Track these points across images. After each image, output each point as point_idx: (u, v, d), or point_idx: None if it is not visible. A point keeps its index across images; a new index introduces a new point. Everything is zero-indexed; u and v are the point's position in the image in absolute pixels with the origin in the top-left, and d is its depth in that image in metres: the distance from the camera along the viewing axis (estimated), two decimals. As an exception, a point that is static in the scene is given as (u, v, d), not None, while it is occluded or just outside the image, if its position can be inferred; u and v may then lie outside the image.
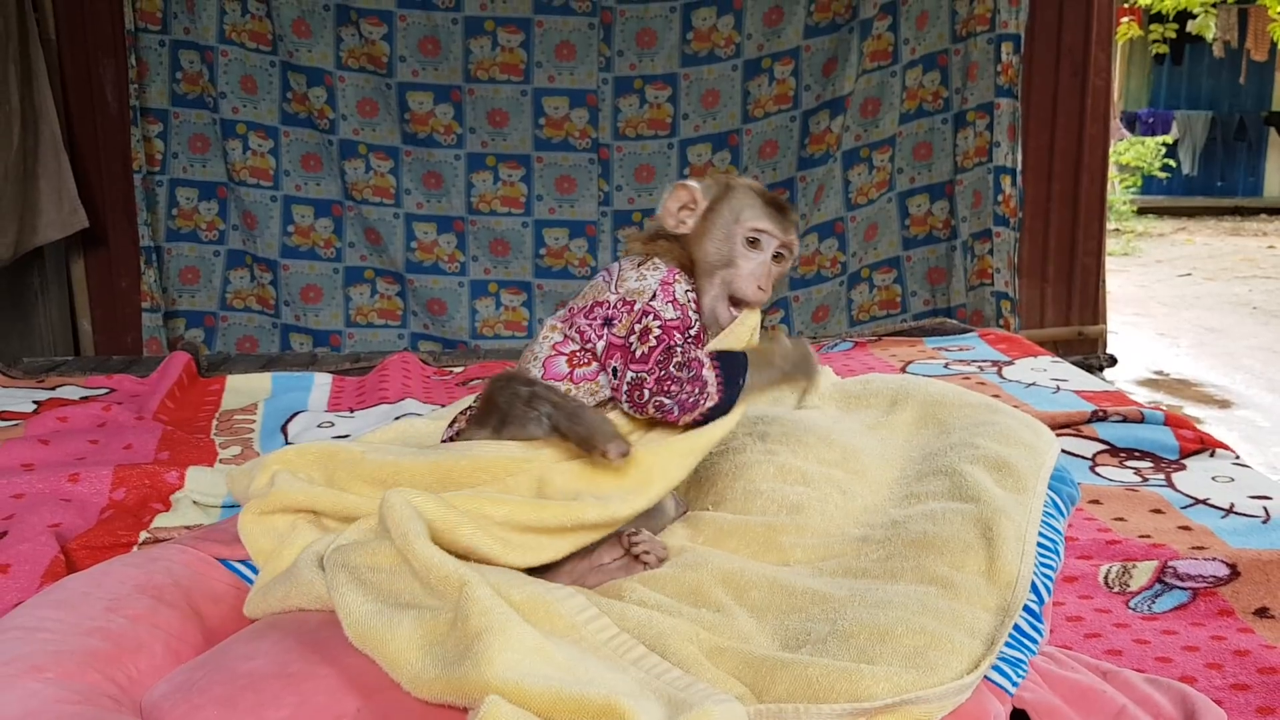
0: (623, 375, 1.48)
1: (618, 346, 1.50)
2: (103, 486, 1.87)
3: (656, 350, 1.47)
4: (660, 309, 1.51)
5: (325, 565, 1.22)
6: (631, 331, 1.50)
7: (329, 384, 2.64)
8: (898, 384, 1.98)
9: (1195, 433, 2.12)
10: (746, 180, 1.66)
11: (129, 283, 4.55)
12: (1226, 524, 1.75)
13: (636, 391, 1.47)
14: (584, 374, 1.54)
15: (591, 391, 1.54)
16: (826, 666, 1.11)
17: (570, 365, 1.54)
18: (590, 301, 1.57)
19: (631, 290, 1.54)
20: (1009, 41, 4.33)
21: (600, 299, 1.56)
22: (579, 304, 1.59)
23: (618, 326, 1.51)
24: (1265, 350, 6.67)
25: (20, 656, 1.10)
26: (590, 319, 1.55)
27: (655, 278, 1.55)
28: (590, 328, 1.54)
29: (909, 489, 1.60)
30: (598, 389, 1.54)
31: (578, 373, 1.54)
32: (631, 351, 1.48)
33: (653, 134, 4.48)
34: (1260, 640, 1.37)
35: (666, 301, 1.52)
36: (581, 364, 1.54)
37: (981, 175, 4.45)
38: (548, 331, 1.59)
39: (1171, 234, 12.38)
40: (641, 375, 1.47)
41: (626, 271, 1.58)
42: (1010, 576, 1.35)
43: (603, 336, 1.52)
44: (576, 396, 1.53)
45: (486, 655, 1.00)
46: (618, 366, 1.50)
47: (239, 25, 4.33)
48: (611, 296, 1.55)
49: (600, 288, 1.59)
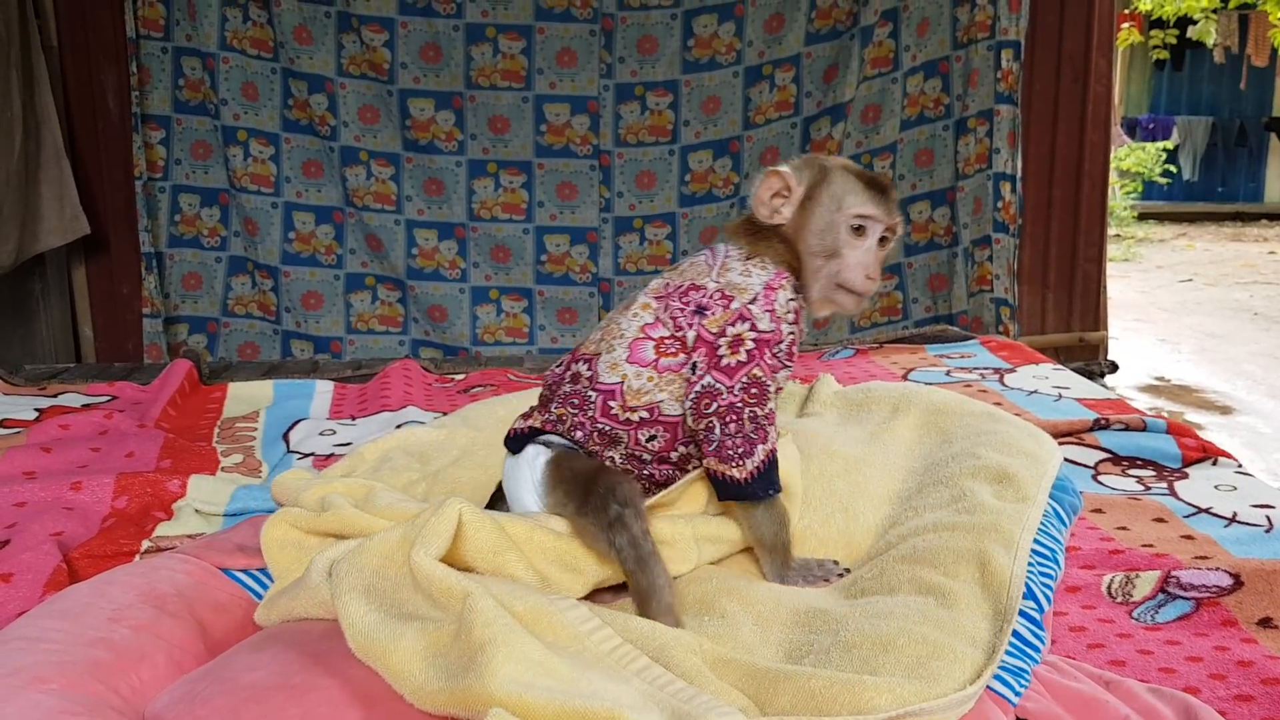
0: (700, 376, 1.43)
1: (707, 342, 1.44)
2: (105, 495, 1.87)
3: (743, 370, 1.42)
4: (757, 317, 1.44)
5: (333, 574, 1.22)
6: (723, 333, 1.44)
7: (330, 391, 2.64)
8: (899, 392, 1.97)
9: (1198, 441, 2.12)
10: (840, 160, 1.55)
11: (130, 289, 4.55)
12: (1229, 533, 1.74)
13: (706, 400, 1.42)
14: (669, 364, 1.46)
15: (674, 386, 1.46)
16: (829, 678, 1.11)
17: (657, 353, 1.46)
18: (687, 283, 1.49)
19: (733, 284, 1.47)
20: (1009, 48, 4.34)
21: (699, 283, 1.48)
22: (675, 281, 1.51)
23: (710, 320, 1.45)
24: (1266, 356, 6.67)
25: (24, 667, 1.10)
26: (684, 302, 1.47)
27: (760, 279, 1.48)
28: (683, 314, 1.46)
29: (910, 502, 1.60)
30: (680, 384, 1.46)
31: (663, 362, 1.46)
32: (718, 355, 1.43)
33: (654, 140, 4.48)
34: (1264, 651, 1.37)
35: (765, 310, 1.45)
36: (669, 353, 1.46)
37: (982, 182, 4.45)
38: (639, 309, 1.50)
39: (1172, 240, 12.39)
40: (719, 388, 1.42)
41: (732, 262, 1.49)
42: (1004, 578, 1.35)
43: (693, 326, 1.45)
44: (659, 392, 1.45)
45: (490, 667, 1.00)
46: (700, 364, 1.44)
47: (240, 32, 4.34)
48: (710, 284, 1.48)
49: (701, 269, 1.51)
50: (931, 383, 2.67)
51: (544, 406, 1.53)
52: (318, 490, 1.45)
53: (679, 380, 1.46)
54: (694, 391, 1.43)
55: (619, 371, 1.47)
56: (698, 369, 1.44)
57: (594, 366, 1.49)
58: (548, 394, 1.54)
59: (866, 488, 1.62)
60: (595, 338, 1.53)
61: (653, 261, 4.54)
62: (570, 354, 1.56)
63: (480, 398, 2.55)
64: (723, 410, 1.42)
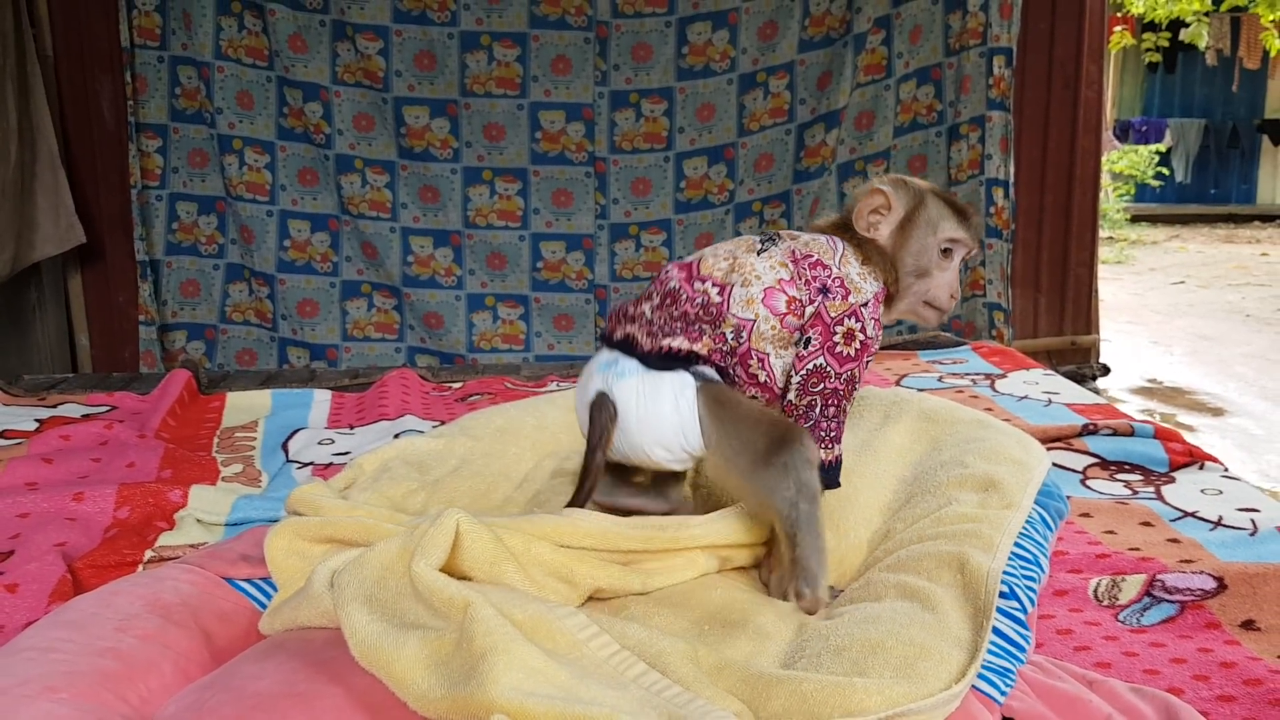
0: (814, 354, 1.48)
1: (825, 324, 1.49)
2: (107, 505, 1.89)
3: (850, 364, 1.49)
4: (867, 320, 1.51)
5: (335, 583, 1.25)
6: (841, 321, 1.49)
7: (328, 400, 2.66)
8: (890, 399, 2.00)
9: (1184, 445, 2.15)
10: (929, 184, 1.63)
11: (126, 297, 4.58)
12: (1214, 536, 1.77)
13: (815, 379, 1.47)
14: (793, 324, 1.50)
15: (786, 349, 1.50)
16: (821, 681, 1.14)
17: (788, 308, 1.49)
18: (815, 256, 1.53)
19: (851, 280, 1.53)
20: (1001, 55, 4.38)
21: (825, 261, 1.53)
22: (799, 250, 1.54)
23: (831, 304, 1.50)
24: (1258, 358, 6.72)
25: (35, 678, 1.12)
26: (813, 275, 1.51)
27: (871, 289, 1.54)
28: (812, 285, 1.51)
29: (899, 514, 1.63)
30: (791, 348, 1.50)
31: (789, 320, 1.49)
32: (834, 340, 1.49)
33: (649, 147, 4.52)
34: (1246, 652, 1.40)
35: (872, 317, 1.52)
36: (796, 313, 1.50)
37: (974, 187, 4.49)
38: (775, 263, 1.51)
39: (1165, 241, 12.45)
40: (829, 371, 1.48)
41: (851, 259, 1.55)
42: (980, 576, 1.38)
43: (815, 302, 1.50)
44: (775, 345, 1.49)
45: (492, 675, 1.02)
46: (814, 341, 1.49)
47: (235, 41, 4.37)
48: (834, 269, 1.52)
49: (824, 249, 1.55)
50: (924, 388, 2.70)
51: (669, 320, 1.50)
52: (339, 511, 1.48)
53: (791, 346, 1.51)
54: (806, 367, 1.48)
55: (753, 309, 1.49)
56: (811, 345, 1.49)
57: (727, 295, 1.50)
58: (668, 304, 1.52)
59: (856, 500, 1.65)
60: (721, 265, 1.53)
61: (648, 268, 4.57)
62: (682, 271, 1.55)
63: (478, 406, 2.57)
64: (827, 393, 1.48)
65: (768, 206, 4.58)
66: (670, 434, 1.46)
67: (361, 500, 1.66)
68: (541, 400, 2.13)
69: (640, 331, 1.50)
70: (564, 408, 2.09)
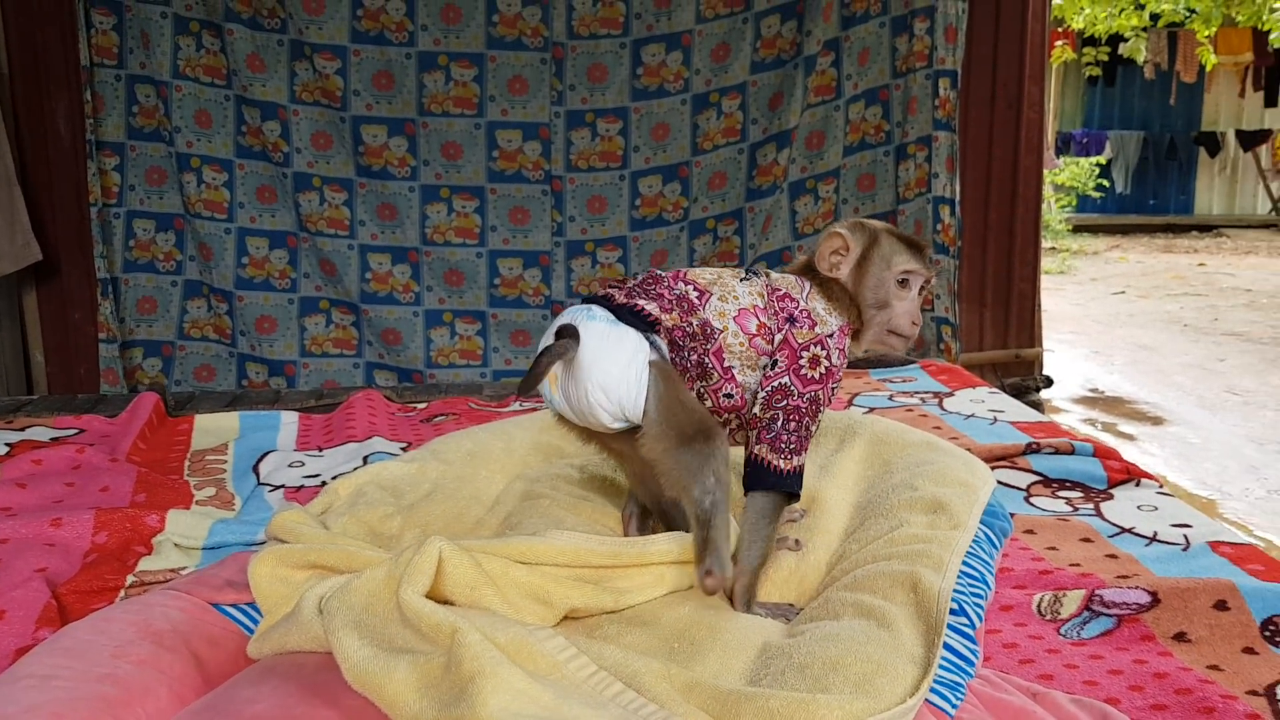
0: (779, 374, 1.61)
1: (792, 349, 1.62)
2: (85, 530, 1.93)
3: (813, 386, 1.61)
4: (832, 350, 1.64)
5: (323, 610, 1.31)
6: (807, 348, 1.63)
7: (296, 422, 2.71)
8: (845, 422, 2.10)
9: (1122, 463, 2.27)
10: (883, 224, 1.76)
11: (82, 314, 4.58)
12: (1150, 552, 1.88)
13: (779, 396, 1.60)
14: (761, 346, 1.63)
15: (752, 369, 1.62)
16: (786, 698, 1.22)
17: (758, 331, 1.62)
18: (784, 290, 1.67)
19: (817, 313, 1.66)
20: (946, 77, 4.51)
21: (793, 295, 1.67)
22: (773, 285, 1.67)
23: (798, 331, 1.63)
24: (1195, 367, 6.91)
25: (39, 705, 1.17)
26: (780, 305, 1.65)
27: (836, 323, 1.67)
28: (779, 315, 1.64)
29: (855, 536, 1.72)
30: (757, 372, 1.63)
31: (757, 341, 1.63)
32: (799, 363, 1.61)
33: (604, 166, 4.60)
34: (1178, 663, 1.50)
35: (837, 347, 1.66)
36: (765, 338, 1.63)
37: (921, 205, 4.61)
38: (753, 291, 1.65)
39: (1106, 251, 12.72)
40: (793, 389, 1.60)
41: (816, 296, 1.69)
42: (932, 595, 1.47)
43: (783, 330, 1.63)
44: (739, 362, 1.61)
45: (480, 697, 1.10)
46: (780, 362, 1.62)
47: (194, 60, 4.39)
48: (801, 302, 1.66)
49: (793, 285, 1.68)
50: (875, 407, 2.80)
51: (647, 293, 1.63)
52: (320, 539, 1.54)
53: (757, 367, 1.63)
54: (771, 385, 1.61)
55: (724, 321, 1.62)
56: (778, 365, 1.62)
57: (705, 301, 1.63)
58: (649, 284, 1.65)
59: (817, 524, 1.74)
60: (706, 276, 1.67)
61: (604, 284, 4.64)
62: (669, 272, 1.68)
63: (443, 426, 2.63)
64: (790, 409, 1.60)
65: (721, 224, 4.67)
66: (616, 383, 1.55)
67: (339, 525, 1.73)
68: (508, 423, 2.20)
69: (616, 291, 1.64)
70: (530, 429, 2.16)
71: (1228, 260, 11.91)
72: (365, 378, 4.64)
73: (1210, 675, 1.46)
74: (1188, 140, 14.78)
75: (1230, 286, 10.08)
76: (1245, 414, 5.84)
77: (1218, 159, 14.87)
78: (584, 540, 1.49)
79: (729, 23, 4.51)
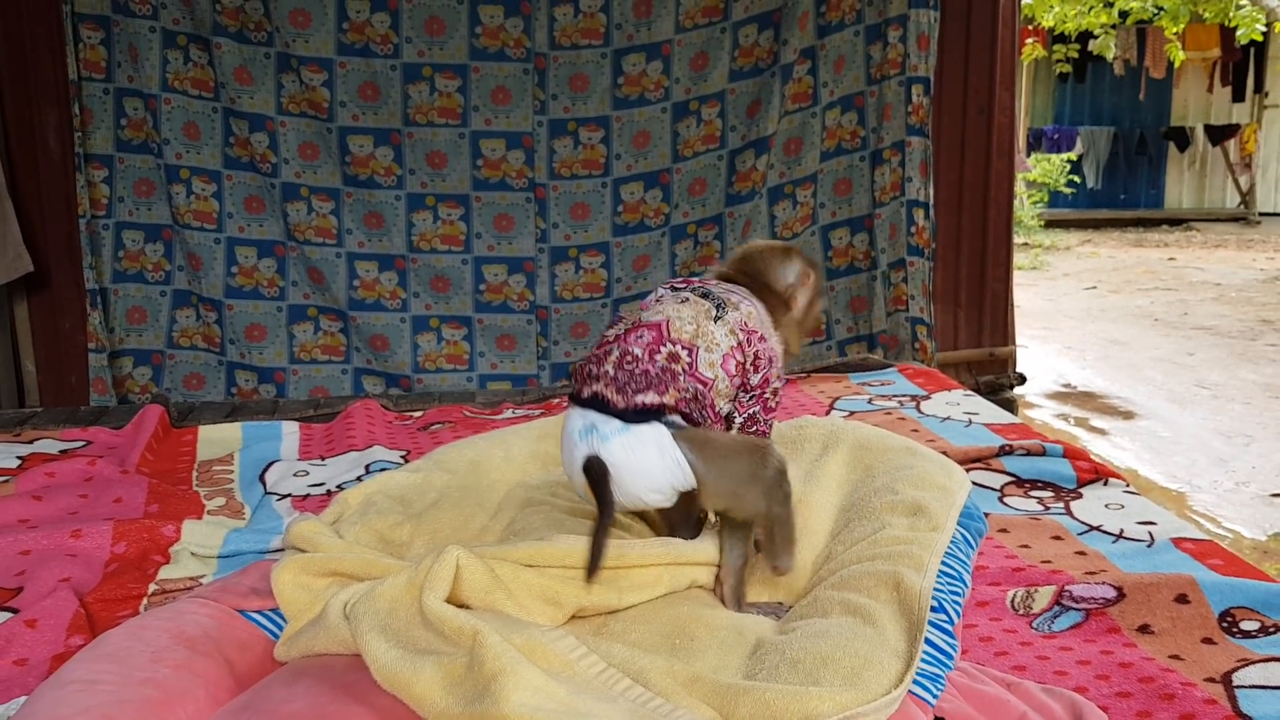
0: (750, 405, 1.80)
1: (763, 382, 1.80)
2: (104, 541, 2.02)
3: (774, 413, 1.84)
4: (781, 376, 1.85)
5: (349, 615, 1.41)
6: (768, 381, 1.81)
7: (297, 432, 2.79)
8: (828, 429, 2.20)
9: (1091, 463, 2.38)
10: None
11: (73, 324, 4.64)
12: (1117, 548, 2.00)
13: (750, 423, 1.80)
14: (737, 382, 1.77)
15: (730, 396, 1.78)
16: (780, 690, 1.32)
17: (736, 371, 1.76)
18: (755, 330, 1.81)
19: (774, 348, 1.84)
20: (919, 84, 4.62)
21: (765, 335, 1.82)
22: (742, 321, 1.80)
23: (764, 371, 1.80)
24: (1166, 362, 7.05)
25: (90, 708, 1.26)
26: (750, 344, 1.79)
27: (779, 347, 1.87)
28: (749, 351, 1.78)
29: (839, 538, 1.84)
30: (732, 397, 1.78)
31: (735, 380, 1.77)
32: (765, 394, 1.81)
33: (587, 173, 4.69)
34: (1142, 654, 1.61)
35: (781, 373, 1.86)
36: (741, 375, 1.77)
37: (896, 209, 4.73)
38: (727, 331, 1.77)
39: (1078, 246, 12.89)
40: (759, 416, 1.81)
41: (768, 324, 1.86)
42: (914, 594, 1.58)
43: (760, 370, 1.80)
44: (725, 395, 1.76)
45: (503, 694, 1.20)
46: (753, 394, 1.80)
47: (181, 73, 4.46)
48: (770, 342, 1.83)
49: (752, 316, 1.82)
50: (855, 411, 2.92)
51: (635, 380, 1.69)
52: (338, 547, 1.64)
53: (732, 400, 1.79)
54: (745, 414, 1.80)
55: (714, 371, 1.74)
56: (751, 397, 1.80)
57: (694, 357, 1.73)
58: (628, 363, 1.70)
59: (804, 527, 1.85)
60: (687, 329, 1.75)
61: (588, 289, 4.75)
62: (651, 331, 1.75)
63: (440, 434, 2.73)
64: (757, 433, 1.81)
65: (702, 229, 4.78)
66: (661, 478, 1.64)
67: (352, 533, 1.82)
68: (507, 433, 2.30)
69: (609, 390, 1.66)
70: (528, 438, 2.26)
71: (1197, 254, 12.10)
72: (354, 383, 4.72)
73: (1171, 664, 1.58)
74: (1157, 135, 14.99)
75: (1200, 280, 10.25)
76: (1214, 407, 5.99)
77: (1187, 154, 15.08)
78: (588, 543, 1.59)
79: (707, 32, 4.61)
